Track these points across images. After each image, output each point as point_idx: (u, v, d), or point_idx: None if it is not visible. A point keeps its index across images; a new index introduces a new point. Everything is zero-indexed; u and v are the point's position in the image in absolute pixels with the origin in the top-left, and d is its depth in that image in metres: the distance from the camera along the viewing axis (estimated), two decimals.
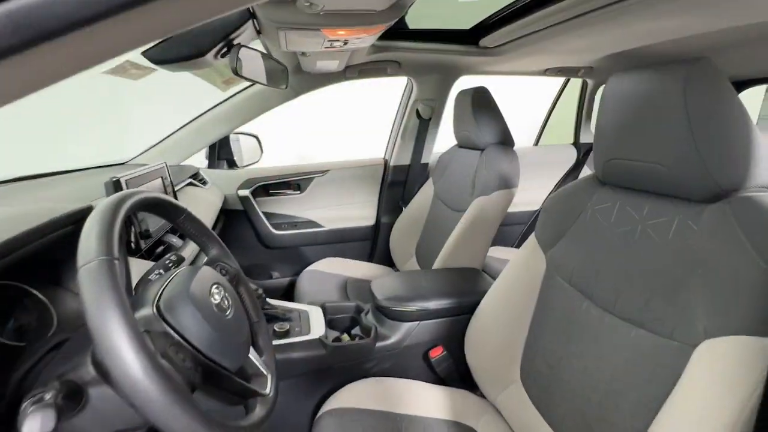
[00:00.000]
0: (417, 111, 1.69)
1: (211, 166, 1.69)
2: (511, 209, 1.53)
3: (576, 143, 2.12)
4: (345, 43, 0.92)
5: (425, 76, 1.61)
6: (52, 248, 0.64)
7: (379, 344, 1.02)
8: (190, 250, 0.97)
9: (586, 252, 0.73)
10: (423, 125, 1.72)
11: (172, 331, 0.47)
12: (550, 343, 0.75)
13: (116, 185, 0.76)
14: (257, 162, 1.93)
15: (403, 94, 1.76)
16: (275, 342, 0.95)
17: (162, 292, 0.51)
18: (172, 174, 1.36)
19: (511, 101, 1.92)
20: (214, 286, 0.58)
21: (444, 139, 1.83)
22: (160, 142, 1.51)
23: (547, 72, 1.72)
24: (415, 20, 1.34)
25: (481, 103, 1.35)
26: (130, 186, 0.78)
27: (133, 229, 0.77)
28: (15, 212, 0.69)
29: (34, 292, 0.64)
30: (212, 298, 0.55)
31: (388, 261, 1.84)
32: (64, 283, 0.67)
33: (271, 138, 3.49)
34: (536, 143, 2.21)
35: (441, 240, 1.41)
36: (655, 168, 0.62)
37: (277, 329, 0.99)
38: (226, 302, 0.57)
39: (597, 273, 0.70)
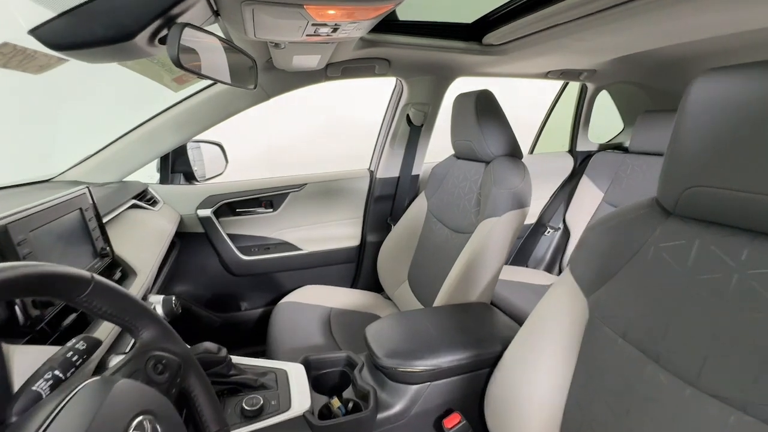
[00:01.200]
0: (407, 116, 1.49)
1: (163, 181, 1.41)
2: None
3: (572, 151, 1.99)
4: (334, 30, 0.70)
5: (418, 77, 1.41)
6: None
7: (381, 415, 0.80)
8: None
9: (646, 301, 0.57)
10: (414, 132, 1.52)
11: None
12: (603, 414, 0.60)
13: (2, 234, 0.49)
14: (221, 174, 1.67)
15: (391, 97, 1.55)
16: (246, 428, 0.71)
17: None
18: (111, 194, 1.08)
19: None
20: (139, 418, 0.34)
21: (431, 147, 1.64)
22: (96, 153, 1.22)
23: (549, 75, 1.56)
24: (406, 11, 1.14)
25: (486, 108, 1.16)
26: (17, 233, 0.52)
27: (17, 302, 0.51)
28: None
29: None
30: None
31: (375, 286, 1.62)
32: None
33: (238, 145, 3.19)
34: (531, 151, 2.06)
35: (440, 265, 1.22)
36: (764, 200, 0.46)
37: (246, 407, 0.74)
38: None
39: (666, 329, 0.54)
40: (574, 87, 1.88)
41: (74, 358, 0.45)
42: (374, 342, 0.88)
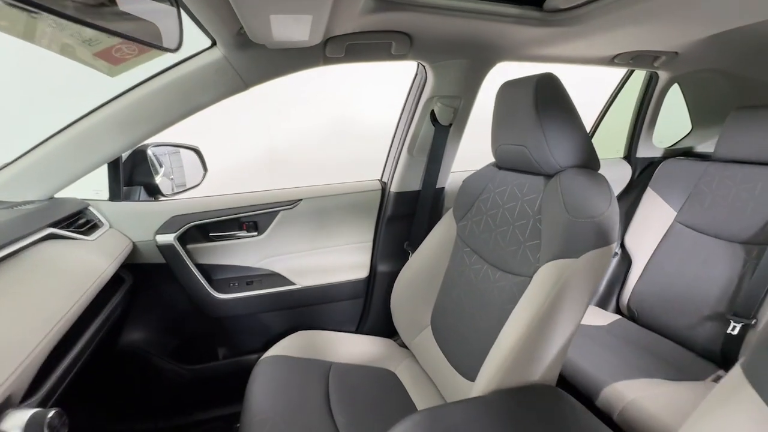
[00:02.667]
0: (432, 113, 1.14)
1: (114, 197, 1.07)
2: None
3: (630, 157, 1.62)
4: None
5: (448, 61, 1.06)
6: None
7: None
8: None
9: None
10: (440, 134, 1.17)
11: None
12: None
13: None
14: (197, 187, 1.34)
15: (410, 89, 1.20)
16: None
17: None
18: (16, 220, 0.76)
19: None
20: None
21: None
22: (11, 162, 0.90)
23: (616, 59, 1.20)
24: None
25: (552, 99, 0.81)
26: None
27: None
28: None
29: None
30: None
31: (387, 329, 1.27)
32: None
33: (235, 150, 2.87)
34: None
35: (478, 314, 0.89)
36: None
37: None
38: None
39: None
40: (635, 79, 1.52)
41: None
42: None
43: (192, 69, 0.89)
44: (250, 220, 1.18)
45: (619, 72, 1.54)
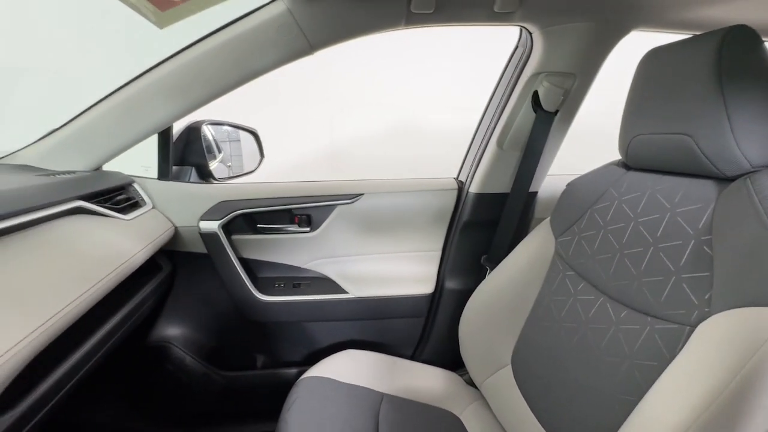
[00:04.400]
0: (535, 95, 0.90)
1: (164, 175, 0.97)
2: None
3: None
4: None
5: (566, 24, 0.82)
6: None
7: None
8: None
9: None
10: (542, 122, 0.92)
11: None
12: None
13: None
14: (252, 173, 1.23)
15: (508, 62, 0.97)
16: None
17: None
18: (52, 189, 0.66)
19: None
20: None
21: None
22: (55, 131, 0.82)
23: None
24: None
25: (749, 66, 0.54)
26: None
27: None
28: None
29: None
30: None
31: (451, 361, 1.04)
32: None
33: (299, 141, 2.83)
34: None
35: (584, 361, 0.63)
36: None
37: None
38: None
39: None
40: None
41: None
42: None
43: (250, 27, 0.75)
44: (303, 213, 1.03)
45: None
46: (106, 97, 0.81)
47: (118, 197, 0.82)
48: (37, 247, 0.56)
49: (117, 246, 0.70)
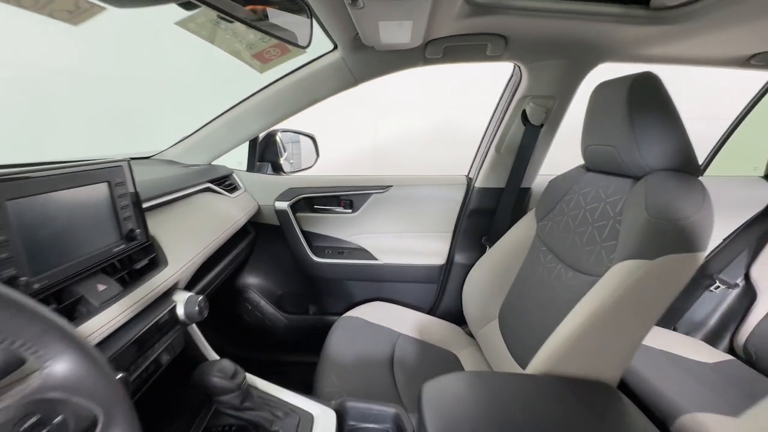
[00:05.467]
0: (523, 113, 1.17)
1: (250, 168, 1.38)
2: None
3: None
4: None
5: (544, 62, 1.09)
6: None
7: None
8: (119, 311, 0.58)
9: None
10: (530, 134, 1.19)
11: None
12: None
13: None
14: (310, 168, 1.59)
15: (505, 88, 1.25)
16: None
17: None
18: (186, 175, 1.05)
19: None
20: None
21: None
22: (191, 135, 1.23)
23: (753, 60, 1.07)
24: None
25: (647, 99, 0.79)
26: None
27: None
28: None
29: None
30: None
31: (458, 317, 1.33)
32: None
33: (346, 142, 3.21)
34: (702, 172, 1.50)
35: (546, 311, 0.90)
36: None
37: None
38: None
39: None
40: None
41: None
42: (430, 409, 0.63)
43: (316, 69, 1.10)
44: (347, 199, 1.38)
45: None
46: (219, 115, 1.21)
47: (226, 182, 1.22)
48: (192, 209, 0.96)
49: (230, 213, 1.09)
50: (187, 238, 0.83)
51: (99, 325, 0.51)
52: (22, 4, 0.63)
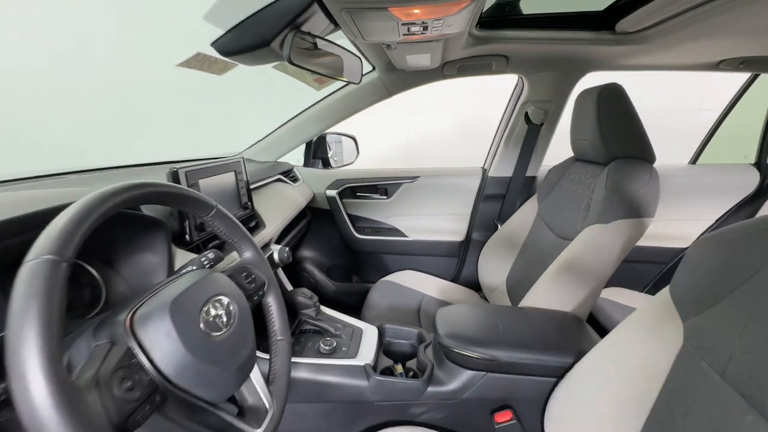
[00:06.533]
0: (526, 114, 1.44)
1: (306, 164, 1.73)
2: (648, 243, 1.37)
3: (760, 164, 1.54)
4: (425, 29, 0.78)
5: (540, 73, 1.35)
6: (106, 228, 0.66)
7: (431, 389, 0.85)
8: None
9: (756, 336, 0.46)
10: (532, 131, 1.45)
11: (137, 348, 0.41)
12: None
13: (174, 176, 0.77)
14: (352, 163, 1.93)
15: (512, 94, 1.52)
16: (316, 360, 0.86)
17: (148, 299, 0.46)
18: (264, 169, 1.42)
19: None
20: (215, 298, 0.50)
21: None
22: (262, 139, 1.60)
23: (721, 65, 1.27)
24: (532, 4, 1.12)
25: (610, 104, 1.04)
26: (190, 178, 0.79)
27: (188, 222, 0.77)
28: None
29: (90, 269, 0.67)
30: (203, 314, 0.47)
31: (474, 284, 1.62)
32: (115, 264, 0.69)
33: (382, 140, 3.55)
34: (694, 161, 1.69)
35: (539, 271, 1.16)
36: None
37: (323, 347, 0.90)
38: (223, 320, 0.49)
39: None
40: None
41: (205, 262, 0.66)
42: (440, 321, 0.93)
43: (358, 86, 1.43)
44: (383, 187, 1.70)
45: None
46: (283, 124, 1.57)
47: (290, 174, 1.58)
48: (273, 193, 1.31)
49: (295, 197, 1.44)
50: (274, 210, 1.18)
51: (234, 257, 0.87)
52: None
